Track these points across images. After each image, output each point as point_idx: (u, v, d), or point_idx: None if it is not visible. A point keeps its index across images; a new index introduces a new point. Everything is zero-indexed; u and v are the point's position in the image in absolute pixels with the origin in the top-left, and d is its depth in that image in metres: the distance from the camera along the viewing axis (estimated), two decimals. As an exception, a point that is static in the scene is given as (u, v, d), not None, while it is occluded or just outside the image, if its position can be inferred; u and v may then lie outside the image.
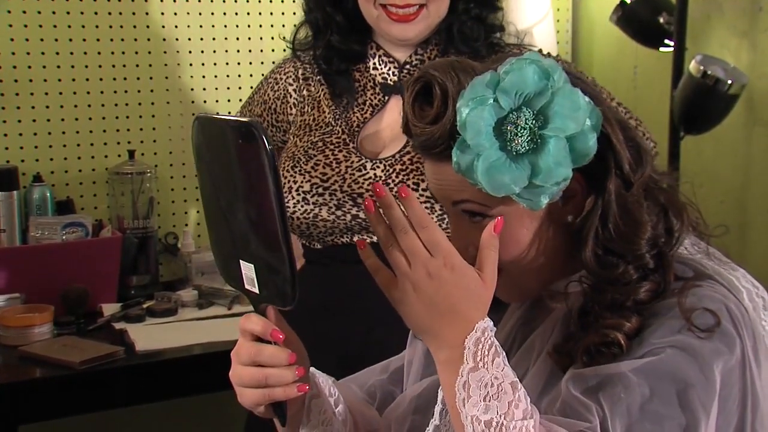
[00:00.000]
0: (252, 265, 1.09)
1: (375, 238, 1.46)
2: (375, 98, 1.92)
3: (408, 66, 1.91)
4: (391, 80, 1.92)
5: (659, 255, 1.08)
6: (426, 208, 1.72)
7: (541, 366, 1.08)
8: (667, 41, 2.77)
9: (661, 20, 2.75)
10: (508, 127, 1.03)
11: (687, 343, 1.01)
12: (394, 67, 1.92)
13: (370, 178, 1.82)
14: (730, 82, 2.54)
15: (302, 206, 1.84)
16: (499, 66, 1.05)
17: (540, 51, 1.25)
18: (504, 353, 1.01)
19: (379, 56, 1.93)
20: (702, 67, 2.55)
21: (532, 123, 1.03)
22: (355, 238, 1.82)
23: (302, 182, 1.84)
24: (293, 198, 1.84)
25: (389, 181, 1.80)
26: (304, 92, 1.98)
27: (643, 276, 1.07)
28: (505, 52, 1.83)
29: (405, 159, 1.82)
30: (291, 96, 2.00)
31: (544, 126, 1.03)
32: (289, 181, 1.85)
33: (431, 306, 1.00)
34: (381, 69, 1.92)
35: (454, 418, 1.01)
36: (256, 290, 1.10)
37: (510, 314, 1.21)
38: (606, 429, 0.98)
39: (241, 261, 1.11)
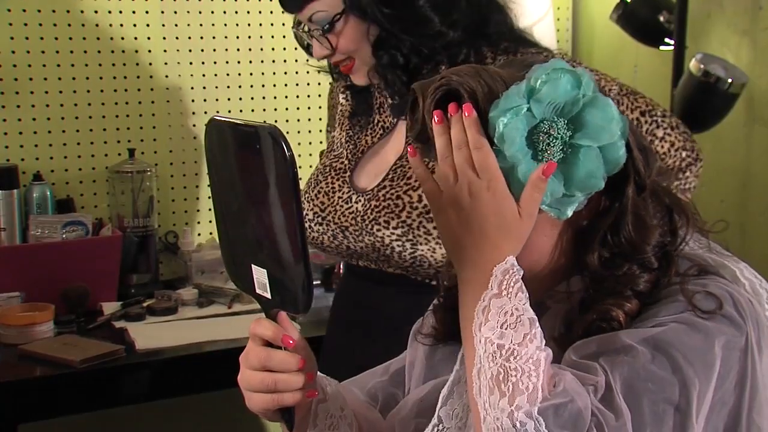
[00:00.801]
0: (264, 270, 1.09)
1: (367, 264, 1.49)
2: (387, 120, 1.85)
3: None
4: (397, 100, 1.82)
5: (663, 255, 1.09)
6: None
7: None
8: (667, 40, 2.77)
9: (662, 19, 2.75)
10: (540, 137, 1.04)
11: (690, 319, 1.02)
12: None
13: (353, 212, 1.77)
14: (730, 80, 2.54)
15: (310, 233, 1.84)
16: (526, 73, 1.05)
17: (563, 56, 1.22)
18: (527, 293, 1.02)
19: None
20: (702, 66, 2.55)
21: (563, 132, 1.03)
22: (360, 263, 1.81)
23: (308, 210, 1.84)
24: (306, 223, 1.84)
25: (366, 216, 1.75)
26: (341, 105, 1.95)
27: (645, 271, 1.08)
28: (523, 54, 1.75)
29: (380, 194, 1.74)
30: (339, 105, 1.96)
31: (575, 135, 1.03)
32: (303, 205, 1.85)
33: (465, 224, 1.02)
34: (388, 92, 1.84)
35: (467, 338, 1.02)
36: (268, 295, 1.10)
37: None
38: (609, 384, 0.98)
39: (252, 265, 1.11)
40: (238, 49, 2.97)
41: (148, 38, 2.86)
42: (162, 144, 2.90)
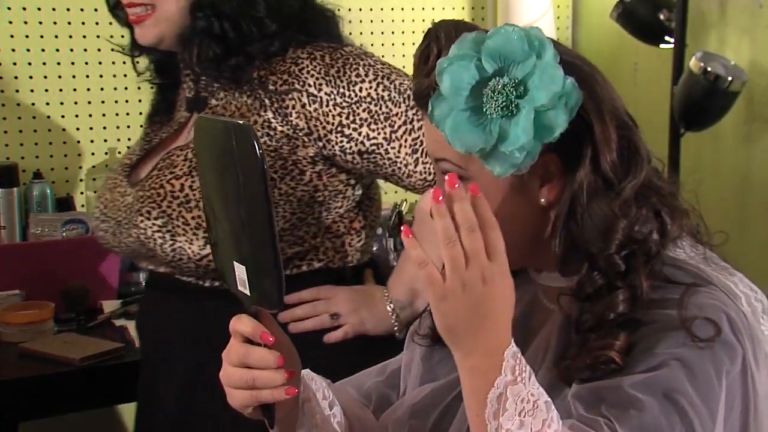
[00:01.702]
0: (244, 267, 1.09)
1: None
2: (183, 116, 1.71)
3: (203, 78, 1.65)
4: (190, 93, 1.68)
5: (630, 255, 1.07)
6: None
7: (542, 379, 1.07)
8: (667, 38, 2.77)
9: (662, 17, 2.75)
10: (487, 90, 1.04)
11: (689, 358, 1.00)
12: (191, 79, 1.67)
13: (126, 205, 1.66)
14: (730, 79, 2.54)
15: (97, 232, 1.73)
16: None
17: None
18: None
19: (184, 68, 1.68)
20: (702, 64, 2.55)
21: (509, 90, 1.03)
22: (143, 263, 1.71)
23: (96, 207, 1.74)
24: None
25: (132, 208, 1.64)
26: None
27: (610, 282, 1.07)
28: None
29: (146, 184, 1.63)
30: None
31: (522, 96, 1.04)
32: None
33: (475, 309, 0.98)
34: (186, 82, 1.69)
35: (474, 425, 1.00)
36: (247, 292, 1.10)
37: None
38: None
39: (234, 262, 1.11)
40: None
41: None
42: (162, 142, 2.90)
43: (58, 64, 2.74)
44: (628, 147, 1.10)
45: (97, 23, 2.76)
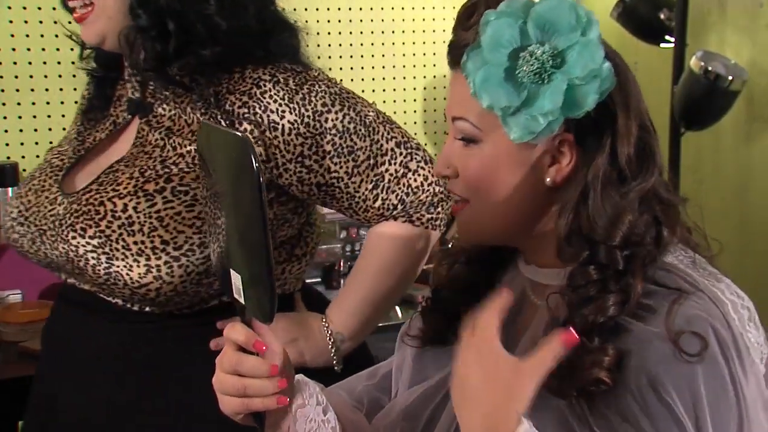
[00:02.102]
0: (240, 276, 1.10)
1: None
2: (120, 116, 1.60)
3: (152, 83, 1.55)
4: (134, 96, 1.57)
5: (630, 258, 1.07)
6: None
7: None
8: (667, 37, 2.77)
9: (662, 16, 2.75)
10: (525, 54, 1.05)
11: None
12: (137, 81, 1.57)
13: (55, 214, 1.52)
14: (730, 78, 2.54)
15: (11, 234, 1.59)
16: None
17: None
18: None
19: (128, 67, 1.57)
20: (703, 63, 2.55)
21: (546, 58, 1.05)
22: (63, 276, 1.59)
23: (14, 207, 1.59)
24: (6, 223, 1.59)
25: (63, 221, 1.50)
26: (81, 98, 1.72)
27: (604, 280, 1.06)
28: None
29: (83, 198, 1.50)
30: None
31: (558, 67, 1.05)
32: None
33: (493, 380, 0.98)
34: (129, 82, 1.58)
35: None
36: (242, 301, 1.10)
37: None
38: None
39: (231, 269, 1.11)
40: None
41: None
42: (162, 141, 2.90)
43: (59, 63, 2.74)
44: (644, 149, 1.10)
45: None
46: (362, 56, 3.17)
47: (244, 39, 1.51)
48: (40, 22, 2.71)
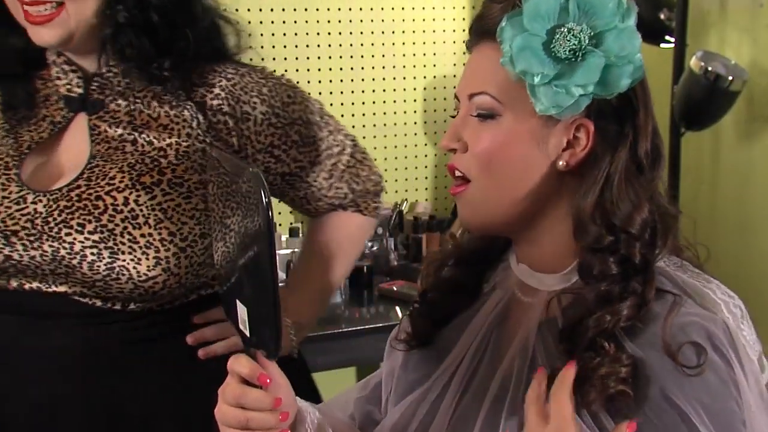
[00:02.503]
0: (246, 308, 1.10)
1: (36, 285, 1.45)
2: (58, 114, 1.54)
3: (98, 79, 1.52)
4: (75, 93, 1.53)
5: (645, 260, 1.07)
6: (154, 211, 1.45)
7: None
8: (667, 37, 2.77)
9: (662, 16, 2.75)
10: (563, 29, 1.06)
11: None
12: (78, 78, 1.52)
13: (29, 213, 1.47)
14: (730, 78, 2.55)
15: None
16: None
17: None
18: None
19: (61, 64, 1.53)
20: (703, 64, 2.55)
21: (584, 37, 1.06)
22: (13, 282, 1.49)
23: None
24: None
25: (50, 219, 1.46)
26: None
27: (625, 276, 1.06)
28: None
29: (73, 194, 1.47)
30: None
31: (595, 47, 1.06)
32: None
33: None
34: (64, 79, 1.53)
35: None
36: (248, 333, 1.10)
37: (485, 316, 1.20)
38: None
39: (237, 300, 1.11)
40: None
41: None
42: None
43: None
44: (655, 149, 1.11)
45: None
46: (362, 56, 3.17)
47: (207, 34, 1.53)
48: (40, 22, 2.71)
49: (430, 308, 1.23)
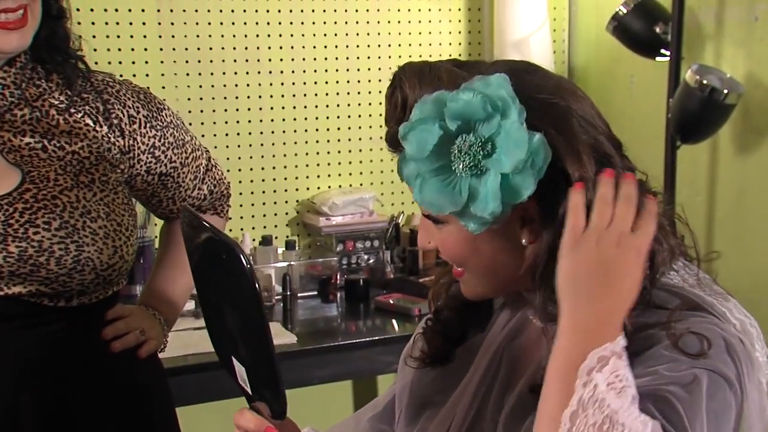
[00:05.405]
0: (244, 368, 1.10)
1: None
2: None
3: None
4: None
5: (643, 286, 1.04)
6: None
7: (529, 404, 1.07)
8: (663, 51, 2.78)
9: (658, 30, 2.76)
10: (454, 149, 1.04)
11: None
12: None
13: None
14: (726, 91, 2.55)
15: None
16: (463, 83, 1.05)
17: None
18: None
19: None
20: (698, 77, 2.56)
21: (476, 150, 1.03)
22: None
23: None
24: None
25: (11, 221, 1.49)
26: None
27: None
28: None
29: (27, 196, 1.51)
30: None
31: (489, 155, 1.03)
32: None
33: (602, 267, 0.99)
34: None
35: (555, 382, 0.98)
36: (249, 390, 1.11)
37: (496, 333, 1.20)
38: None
39: (233, 358, 1.12)
40: (234, 60, 2.98)
41: (145, 49, 2.86)
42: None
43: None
44: (602, 163, 1.07)
45: (94, 36, 2.76)
46: (358, 69, 3.17)
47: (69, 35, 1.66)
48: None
49: (444, 327, 1.23)
